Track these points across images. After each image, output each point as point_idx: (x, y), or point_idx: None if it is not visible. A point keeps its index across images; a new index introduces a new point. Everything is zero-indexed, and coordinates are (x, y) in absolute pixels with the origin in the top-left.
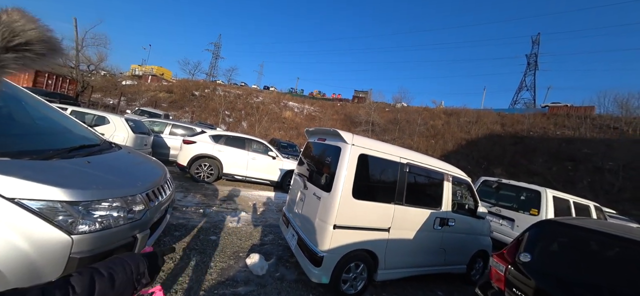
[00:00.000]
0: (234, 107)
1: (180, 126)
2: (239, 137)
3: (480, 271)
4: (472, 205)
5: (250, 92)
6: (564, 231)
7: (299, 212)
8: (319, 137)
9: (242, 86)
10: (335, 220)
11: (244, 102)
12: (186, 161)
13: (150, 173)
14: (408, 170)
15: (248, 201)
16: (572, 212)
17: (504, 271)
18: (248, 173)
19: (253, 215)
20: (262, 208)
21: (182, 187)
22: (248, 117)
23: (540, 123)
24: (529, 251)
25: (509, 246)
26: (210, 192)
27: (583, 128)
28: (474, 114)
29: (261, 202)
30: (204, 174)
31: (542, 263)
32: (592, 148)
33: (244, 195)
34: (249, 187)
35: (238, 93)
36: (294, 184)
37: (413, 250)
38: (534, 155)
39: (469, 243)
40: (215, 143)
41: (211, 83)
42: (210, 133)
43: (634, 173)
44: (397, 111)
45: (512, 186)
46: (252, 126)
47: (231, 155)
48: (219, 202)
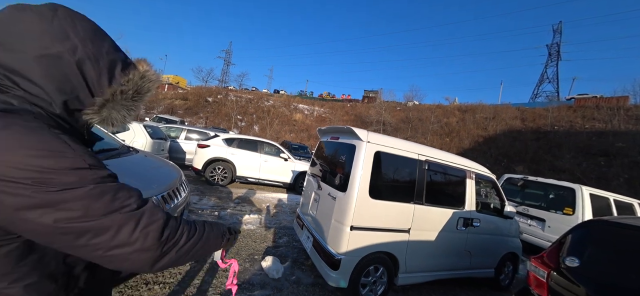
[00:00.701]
0: (246, 111)
1: (194, 131)
2: (251, 139)
3: (510, 276)
4: (498, 204)
5: (261, 96)
6: (619, 233)
7: (313, 213)
8: (332, 136)
9: (253, 91)
10: (352, 221)
11: (255, 106)
12: (201, 164)
13: (165, 176)
14: (427, 167)
15: (261, 203)
16: (613, 210)
17: (545, 277)
18: (261, 176)
19: (267, 217)
20: (276, 210)
21: (197, 190)
22: (259, 120)
23: (566, 117)
24: (576, 255)
25: (550, 249)
26: (225, 194)
27: (616, 120)
28: (491, 110)
29: (274, 203)
30: (218, 177)
31: (594, 268)
32: (628, 142)
33: (258, 197)
34: (262, 189)
35: (249, 97)
36: (307, 185)
37: (435, 252)
38: (560, 150)
39: (497, 245)
40: (228, 147)
41: (223, 89)
42: (223, 137)
43: None
44: (408, 110)
45: (539, 183)
46: (263, 129)
47: (244, 158)
48: (233, 205)
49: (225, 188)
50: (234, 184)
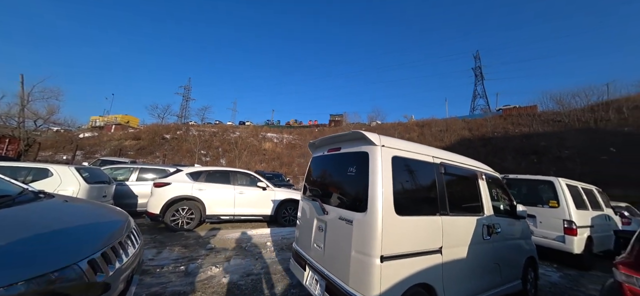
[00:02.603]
0: (210, 145)
1: (150, 170)
2: (222, 170)
3: (533, 284)
4: (508, 204)
5: (226, 128)
6: None
7: (319, 246)
8: (330, 148)
9: (217, 124)
10: (382, 250)
11: (220, 139)
12: (159, 207)
13: (100, 228)
14: (444, 171)
15: (240, 244)
16: (584, 197)
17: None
18: (236, 211)
19: (250, 261)
20: (260, 250)
21: (154, 240)
22: (226, 153)
23: (500, 125)
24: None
25: (638, 249)
26: (192, 241)
27: (534, 124)
28: (443, 123)
29: (257, 242)
30: (183, 220)
31: None
32: (548, 141)
33: (235, 237)
34: (239, 227)
35: (213, 131)
36: (303, 213)
37: (470, 271)
38: (503, 153)
39: (518, 250)
40: (195, 182)
41: (183, 125)
42: (187, 171)
43: (588, 158)
44: (373, 129)
45: (520, 180)
46: (231, 162)
47: (214, 193)
48: (205, 253)
49: (192, 232)
50: (204, 226)
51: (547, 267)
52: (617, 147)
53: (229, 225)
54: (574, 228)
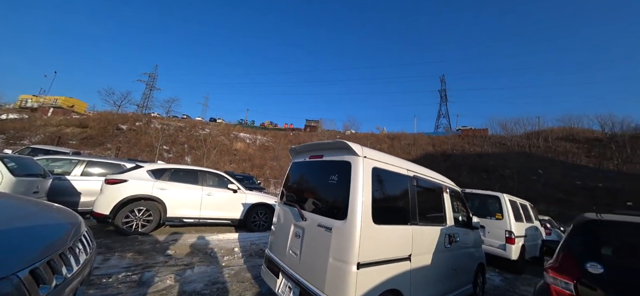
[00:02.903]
0: (175, 141)
1: (99, 163)
2: (190, 169)
3: (481, 287)
4: (466, 215)
5: (194, 124)
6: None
7: (295, 253)
8: (313, 154)
9: (184, 119)
10: (359, 257)
11: (187, 134)
12: (109, 207)
13: (42, 231)
14: (416, 183)
15: (205, 250)
16: (520, 210)
17: (573, 289)
18: (203, 214)
19: (216, 269)
20: (227, 256)
21: (100, 245)
22: (193, 151)
23: (459, 143)
24: (596, 260)
25: (563, 256)
26: (148, 246)
27: (485, 145)
28: (411, 138)
29: (223, 248)
30: (138, 223)
31: (619, 271)
32: (495, 161)
33: (199, 243)
34: (203, 231)
35: (180, 125)
36: (279, 219)
37: (433, 277)
38: (460, 169)
39: (471, 257)
40: (156, 180)
41: (144, 116)
42: (148, 168)
43: (523, 178)
44: (347, 138)
45: (474, 194)
46: (198, 160)
47: (179, 194)
48: (164, 259)
49: (148, 237)
50: (163, 229)
51: (491, 272)
52: (543, 169)
53: (193, 229)
54: (513, 238)
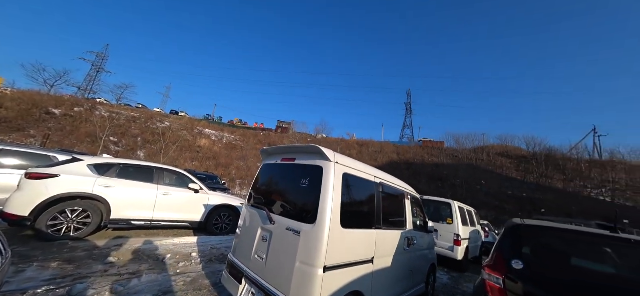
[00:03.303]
0: (126, 133)
1: (14, 153)
2: (144, 166)
3: (432, 286)
4: (423, 220)
5: (151, 115)
6: (545, 233)
7: (261, 257)
8: (285, 157)
9: (139, 108)
10: (326, 260)
11: (141, 126)
12: (30, 208)
13: None
14: (382, 190)
15: (156, 256)
16: (467, 216)
17: (502, 283)
18: (156, 216)
19: (169, 277)
20: (184, 262)
21: (16, 254)
22: (148, 145)
23: (419, 153)
24: (518, 258)
25: (496, 256)
26: (83, 253)
27: (441, 157)
28: (379, 145)
29: (179, 253)
30: (70, 226)
31: (537, 268)
32: (449, 171)
33: (148, 248)
34: (155, 235)
35: (133, 115)
36: (245, 222)
37: (393, 278)
38: (420, 177)
39: (426, 259)
40: (100, 176)
41: (87, 101)
42: (90, 162)
43: (469, 186)
44: (318, 142)
45: (430, 201)
46: (153, 155)
47: (128, 192)
48: (102, 268)
49: (83, 242)
50: (104, 233)
51: (440, 271)
52: (485, 180)
53: (143, 232)
54: (460, 240)
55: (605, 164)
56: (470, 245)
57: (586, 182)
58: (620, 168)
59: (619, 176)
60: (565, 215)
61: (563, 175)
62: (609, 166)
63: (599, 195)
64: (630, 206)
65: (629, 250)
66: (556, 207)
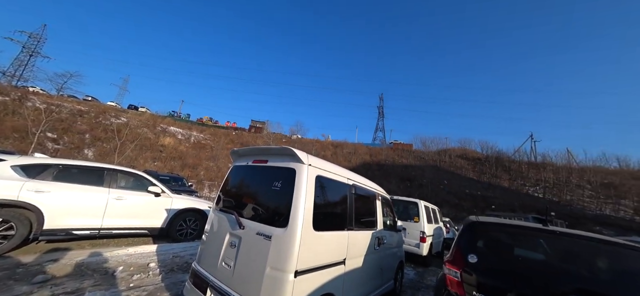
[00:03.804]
0: (69, 128)
1: None
2: (91, 167)
3: (400, 282)
4: (392, 220)
5: (103, 109)
6: (495, 229)
7: (229, 265)
8: (256, 159)
9: (88, 101)
10: (297, 265)
11: (90, 122)
12: None
13: None
14: (354, 191)
15: (103, 269)
16: (431, 214)
17: (459, 276)
18: (106, 223)
19: (117, 292)
20: (139, 274)
21: None
22: (98, 143)
23: (390, 155)
24: (473, 252)
25: (455, 251)
26: (1, 272)
27: (410, 158)
28: (352, 147)
29: (133, 264)
30: None
31: (487, 261)
32: (416, 172)
33: (92, 261)
34: (104, 245)
35: (80, 109)
36: (212, 227)
37: (363, 278)
38: (390, 177)
39: (395, 257)
40: (30, 179)
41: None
42: (17, 162)
43: (434, 186)
44: (293, 142)
45: (399, 200)
46: (105, 155)
47: (69, 198)
48: (28, 289)
49: (3, 259)
50: (33, 246)
51: (407, 267)
52: (447, 180)
53: (87, 243)
54: (425, 237)
55: (538, 165)
56: (433, 241)
57: (525, 181)
58: (549, 169)
59: (548, 175)
60: (510, 210)
61: (508, 175)
62: (541, 167)
63: (535, 192)
64: (556, 201)
65: (555, 240)
66: (503, 203)
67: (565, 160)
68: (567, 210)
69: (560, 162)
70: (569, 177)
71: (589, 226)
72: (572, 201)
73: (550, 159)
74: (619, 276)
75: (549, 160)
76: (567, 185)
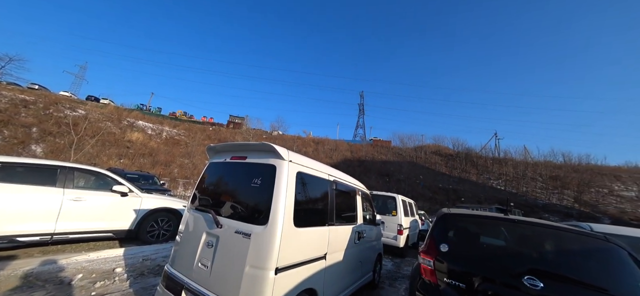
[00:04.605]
0: (10, 121)
1: None
2: (39, 164)
3: (379, 273)
4: (372, 214)
5: (55, 100)
6: (464, 220)
7: (205, 265)
8: (235, 155)
9: (35, 90)
10: (278, 262)
11: (38, 114)
12: None
13: None
14: (335, 187)
15: (58, 278)
16: (408, 207)
17: (432, 264)
18: (61, 228)
19: None
20: (102, 281)
21: None
22: (50, 138)
23: (370, 151)
24: (445, 242)
25: (429, 242)
26: None
27: (389, 154)
28: (334, 143)
29: (95, 270)
30: None
31: (457, 249)
32: (394, 168)
33: (44, 270)
34: (60, 251)
35: (24, 98)
36: (187, 226)
37: (343, 272)
38: (370, 173)
39: (373, 249)
40: None
41: None
42: None
43: (410, 180)
44: (274, 139)
45: (378, 195)
46: (60, 152)
47: (11, 201)
48: None
49: None
50: None
51: (385, 259)
52: (423, 175)
53: (38, 250)
54: (402, 230)
55: (501, 161)
56: (410, 233)
57: (490, 175)
58: (510, 164)
59: (508, 170)
60: (476, 202)
61: (476, 170)
62: (503, 162)
63: (497, 185)
64: (514, 192)
65: (514, 227)
66: (471, 196)
67: (523, 156)
68: (523, 200)
69: (518, 157)
70: (525, 171)
71: (539, 214)
72: (527, 192)
73: (511, 155)
74: (562, 256)
75: (510, 156)
76: (523, 178)
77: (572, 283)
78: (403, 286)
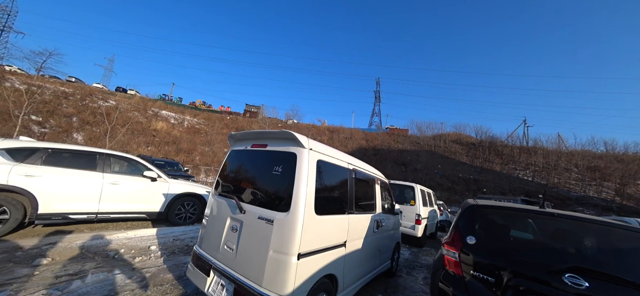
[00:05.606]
0: (54, 111)
1: None
2: (82, 151)
3: (397, 262)
4: (390, 203)
5: (89, 91)
6: (492, 212)
7: (231, 248)
8: (255, 143)
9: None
10: (300, 248)
11: (76, 104)
12: None
13: None
14: (355, 176)
15: (105, 252)
16: (426, 197)
17: (457, 256)
18: (103, 207)
19: (122, 274)
20: (140, 256)
21: None
22: (87, 126)
23: (386, 140)
24: (472, 234)
25: (454, 233)
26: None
27: (405, 143)
28: (349, 132)
29: (134, 247)
30: None
31: (485, 242)
32: (411, 157)
33: (93, 244)
34: (103, 228)
35: (64, 90)
36: (212, 211)
37: (362, 259)
38: (386, 162)
39: (392, 238)
40: (17, 163)
41: None
42: (2, 146)
43: (428, 170)
44: (289, 127)
45: (396, 185)
46: (96, 139)
47: (62, 182)
48: (29, 272)
49: (2, 242)
50: (31, 230)
51: (403, 248)
52: (441, 165)
53: (86, 226)
54: (420, 220)
55: (529, 150)
56: (428, 223)
57: (516, 165)
58: (540, 153)
59: (538, 159)
60: (500, 193)
61: (500, 159)
62: (532, 151)
63: (524, 176)
64: (544, 183)
65: (551, 221)
66: (494, 186)
67: (556, 144)
68: (553, 191)
69: (550, 146)
70: (558, 161)
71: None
72: (558, 183)
73: (542, 144)
74: (609, 254)
75: (541, 144)
76: (555, 169)
77: (622, 284)
78: (421, 276)
